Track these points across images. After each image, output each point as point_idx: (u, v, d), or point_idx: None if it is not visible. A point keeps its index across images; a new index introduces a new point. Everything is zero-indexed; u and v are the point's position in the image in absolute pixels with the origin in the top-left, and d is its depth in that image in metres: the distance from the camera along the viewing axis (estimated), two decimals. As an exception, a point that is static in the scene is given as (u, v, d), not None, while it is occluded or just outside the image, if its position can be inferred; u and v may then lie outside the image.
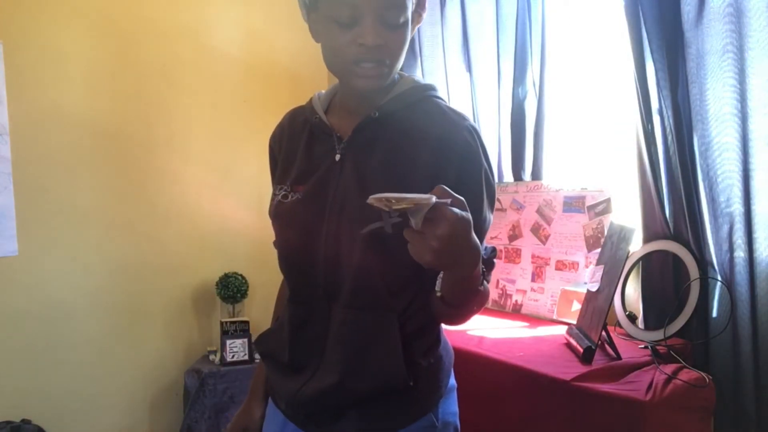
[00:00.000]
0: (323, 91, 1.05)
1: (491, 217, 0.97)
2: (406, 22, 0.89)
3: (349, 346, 0.93)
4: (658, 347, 1.56)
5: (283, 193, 1.00)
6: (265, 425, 1.10)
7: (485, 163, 0.94)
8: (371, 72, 0.88)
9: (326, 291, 0.95)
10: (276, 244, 1.04)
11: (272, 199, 1.03)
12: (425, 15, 0.96)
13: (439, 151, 0.91)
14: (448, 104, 1.00)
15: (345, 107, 1.00)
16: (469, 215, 0.75)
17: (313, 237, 0.94)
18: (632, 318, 1.76)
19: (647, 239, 1.76)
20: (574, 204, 1.99)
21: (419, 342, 0.96)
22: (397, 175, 0.92)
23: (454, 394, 1.04)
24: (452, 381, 1.04)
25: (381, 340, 0.92)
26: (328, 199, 0.94)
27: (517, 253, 2.15)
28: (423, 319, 0.96)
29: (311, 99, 1.04)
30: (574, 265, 1.96)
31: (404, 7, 0.87)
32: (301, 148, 1.01)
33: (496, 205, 2.26)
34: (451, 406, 1.02)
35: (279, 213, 1.00)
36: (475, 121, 2.32)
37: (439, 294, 0.89)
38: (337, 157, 0.96)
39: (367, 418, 0.95)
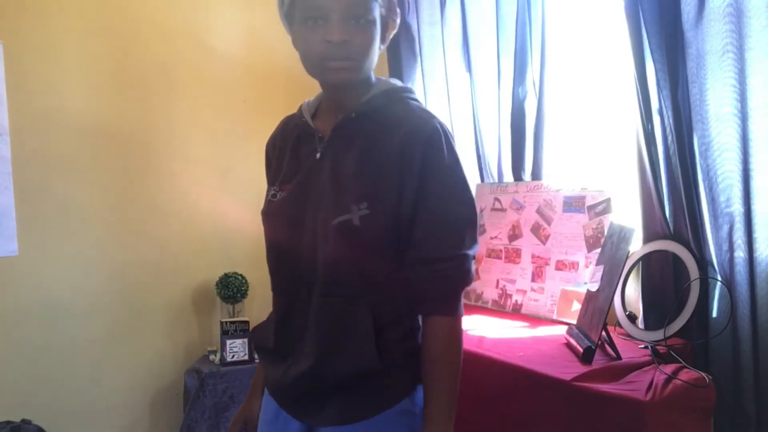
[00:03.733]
0: (312, 99, 1.13)
1: (467, 214, 0.99)
2: (373, 21, 0.95)
3: (323, 332, 0.99)
4: (658, 347, 1.56)
5: (273, 192, 1.08)
6: (261, 414, 1.15)
7: (451, 157, 0.98)
8: (339, 66, 0.95)
9: (307, 282, 1.01)
10: (265, 241, 1.11)
11: (264, 200, 1.11)
12: (398, 20, 1.03)
13: (406, 140, 0.97)
14: (421, 105, 1.06)
15: (328, 110, 1.08)
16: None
17: (297, 232, 1.01)
18: (632, 318, 1.76)
19: (647, 239, 1.76)
20: (574, 204, 1.99)
21: (393, 330, 1.01)
22: (369, 169, 0.98)
23: None
24: None
25: (353, 327, 0.98)
26: (309, 195, 1.01)
27: (517, 253, 2.15)
28: (397, 308, 1.01)
29: (301, 105, 1.12)
30: (574, 265, 1.96)
31: (369, 6, 0.94)
32: (289, 150, 1.09)
33: (496, 204, 2.26)
34: None
35: (268, 211, 1.08)
36: (475, 121, 2.33)
37: None
38: (318, 155, 1.03)
39: (348, 404, 1.00)
